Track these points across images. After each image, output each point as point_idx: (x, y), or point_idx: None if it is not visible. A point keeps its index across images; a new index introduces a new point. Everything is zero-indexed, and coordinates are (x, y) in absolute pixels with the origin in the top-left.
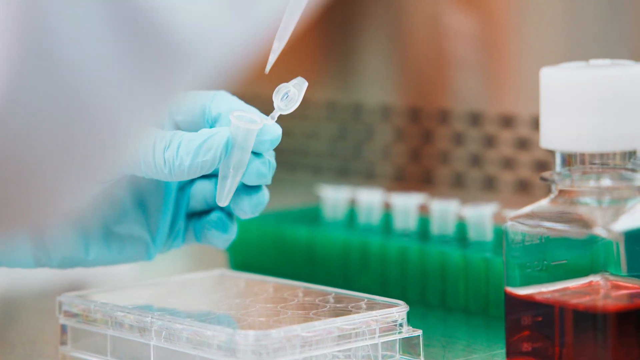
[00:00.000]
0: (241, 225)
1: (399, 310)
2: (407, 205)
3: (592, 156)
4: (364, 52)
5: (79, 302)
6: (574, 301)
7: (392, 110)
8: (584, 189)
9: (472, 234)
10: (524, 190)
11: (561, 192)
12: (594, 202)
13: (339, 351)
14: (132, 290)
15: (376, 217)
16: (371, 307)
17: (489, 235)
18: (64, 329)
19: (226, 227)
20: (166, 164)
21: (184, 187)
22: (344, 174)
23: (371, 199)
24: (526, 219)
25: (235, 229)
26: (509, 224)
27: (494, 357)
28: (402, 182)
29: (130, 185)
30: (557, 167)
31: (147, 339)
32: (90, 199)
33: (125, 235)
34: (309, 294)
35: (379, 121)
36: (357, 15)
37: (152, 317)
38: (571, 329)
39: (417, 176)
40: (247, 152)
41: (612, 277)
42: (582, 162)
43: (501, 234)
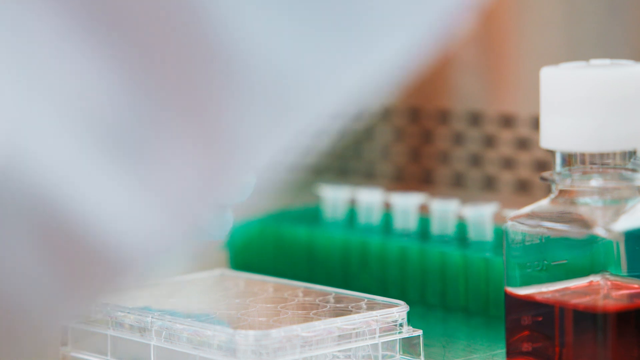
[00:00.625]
0: (241, 225)
1: (399, 310)
2: (407, 205)
3: (592, 156)
4: None
5: None
6: (574, 301)
7: (391, 109)
8: (584, 189)
9: (472, 234)
10: (524, 190)
11: (561, 192)
12: (594, 202)
13: (339, 351)
14: (132, 290)
15: (376, 217)
16: (371, 307)
17: (489, 235)
18: (64, 329)
19: None
20: None
21: None
22: (344, 174)
23: (371, 199)
24: (526, 218)
25: None
26: (509, 223)
27: (494, 357)
28: (402, 182)
29: None
30: (557, 167)
31: (148, 339)
32: None
33: None
34: (309, 293)
35: (379, 121)
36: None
37: (152, 317)
38: (571, 329)
39: (417, 176)
40: None
41: (612, 277)
42: (582, 162)
43: (501, 234)
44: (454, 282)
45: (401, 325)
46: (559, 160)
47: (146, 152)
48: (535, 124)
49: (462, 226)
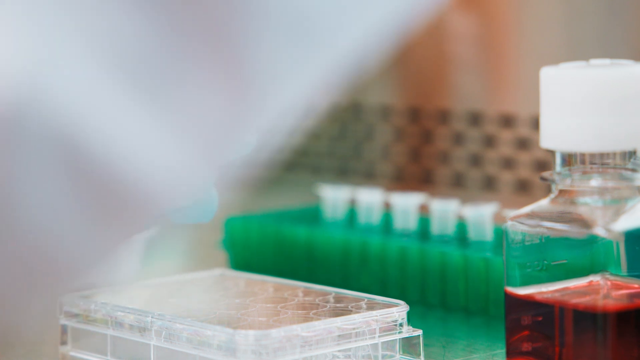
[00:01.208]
0: (241, 225)
1: (399, 310)
2: (407, 205)
3: (592, 156)
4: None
5: (80, 303)
6: (574, 301)
7: (391, 110)
8: (584, 189)
9: (472, 234)
10: (524, 190)
11: (561, 192)
12: (594, 201)
13: (339, 351)
14: (132, 290)
15: (376, 217)
16: (371, 307)
17: (489, 235)
18: (64, 329)
19: None
20: None
21: None
22: (344, 174)
23: (371, 199)
24: (526, 218)
25: None
26: (509, 223)
27: (494, 356)
28: (402, 181)
29: None
30: (557, 167)
31: (147, 339)
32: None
33: None
34: (309, 293)
35: (379, 121)
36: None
37: (152, 317)
38: (571, 329)
39: (417, 176)
40: None
41: (612, 277)
42: (582, 162)
43: (501, 234)
44: (454, 282)
45: (401, 325)
46: (559, 160)
47: (171, 87)
48: (535, 124)
49: (462, 226)
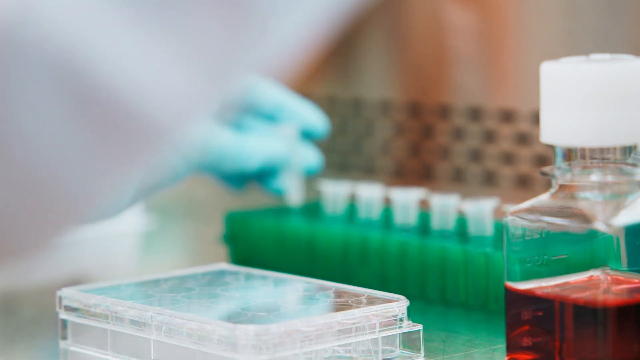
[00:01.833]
0: (241, 219)
1: (399, 305)
2: (407, 200)
3: (592, 151)
4: (364, 47)
5: (80, 297)
6: (574, 296)
7: (392, 105)
8: (584, 184)
9: (472, 229)
10: (524, 185)
11: (561, 186)
12: (594, 196)
13: (339, 346)
14: (132, 285)
15: (376, 212)
16: (371, 301)
17: (489, 230)
18: (64, 323)
19: None
20: None
21: None
22: (344, 169)
23: (371, 194)
24: (526, 213)
25: None
26: (509, 218)
27: (494, 351)
28: (402, 177)
29: None
30: (557, 162)
31: (148, 334)
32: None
33: None
34: (310, 288)
35: (379, 116)
36: (356, 9)
37: (152, 312)
38: (571, 324)
39: (417, 171)
40: None
41: (612, 272)
42: (583, 157)
43: (501, 229)
44: (454, 277)
45: (401, 319)
46: (559, 155)
47: (171, 10)
48: (535, 118)
49: (462, 221)
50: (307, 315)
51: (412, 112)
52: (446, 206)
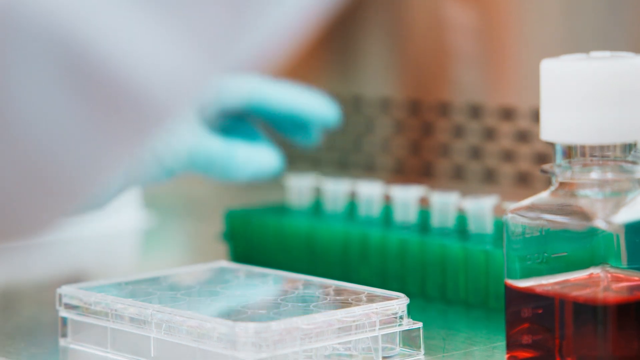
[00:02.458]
0: (241, 217)
1: (399, 302)
2: (407, 197)
3: (592, 148)
4: (364, 44)
5: (79, 295)
6: (574, 293)
7: (392, 102)
8: (584, 181)
9: (472, 227)
10: (524, 182)
11: (561, 184)
12: (594, 194)
13: (339, 343)
14: (131, 282)
15: (376, 210)
16: (371, 299)
17: (489, 227)
18: (64, 321)
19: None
20: None
21: None
22: (344, 167)
23: (371, 192)
24: (526, 211)
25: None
26: (509, 216)
27: (494, 349)
28: (402, 174)
29: None
30: (557, 160)
31: (148, 332)
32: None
33: None
34: (309, 286)
35: (379, 113)
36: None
37: (152, 310)
38: (571, 322)
39: (417, 169)
40: None
41: (612, 270)
42: (583, 155)
43: (501, 227)
44: (454, 275)
45: (401, 317)
46: (559, 152)
47: None
48: (535, 116)
49: (462, 219)
50: (307, 313)
51: (412, 110)
52: (446, 204)
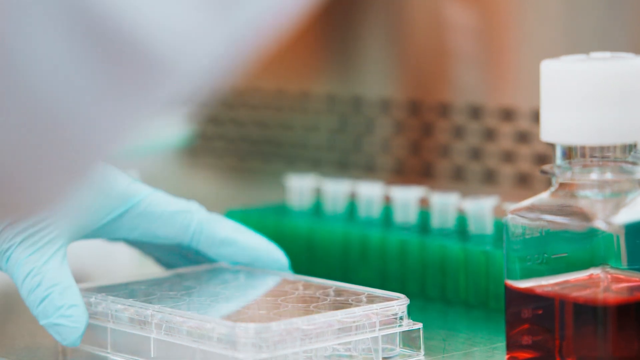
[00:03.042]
0: (241, 217)
1: (399, 303)
2: (407, 198)
3: (592, 149)
4: (364, 45)
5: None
6: (574, 294)
7: (392, 103)
8: (585, 182)
9: (472, 227)
10: (524, 183)
11: (561, 185)
12: (595, 195)
13: (339, 344)
14: (131, 283)
15: (376, 210)
16: (371, 300)
17: (489, 228)
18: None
19: None
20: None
21: None
22: (344, 167)
23: (371, 192)
24: (526, 212)
25: None
26: (509, 217)
27: (494, 350)
28: (402, 175)
29: None
30: (558, 160)
31: (147, 332)
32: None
33: None
34: (309, 287)
35: (379, 114)
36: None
37: (152, 310)
38: (571, 322)
39: (417, 169)
40: None
41: (612, 270)
42: (583, 155)
43: (501, 227)
44: (454, 276)
45: (401, 318)
46: (559, 153)
47: None
48: (535, 117)
49: (462, 219)
50: (307, 313)
51: (412, 111)
52: (446, 204)
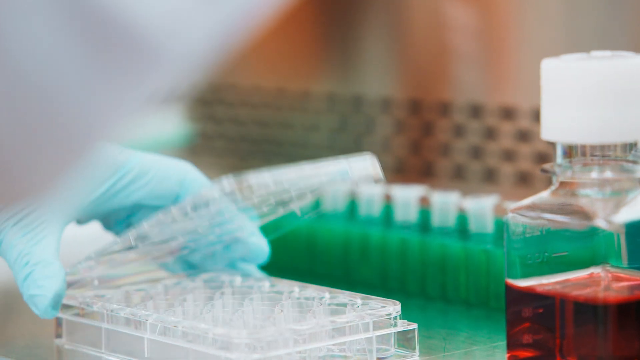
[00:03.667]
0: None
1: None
2: (407, 197)
3: (593, 148)
4: (364, 44)
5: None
6: (575, 293)
7: (392, 102)
8: (585, 181)
9: (472, 226)
10: (525, 182)
11: (562, 183)
12: (595, 193)
13: (334, 345)
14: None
15: (377, 209)
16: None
17: (489, 227)
18: (59, 322)
19: None
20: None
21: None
22: None
23: (371, 191)
24: (527, 210)
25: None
26: (510, 215)
27: (495, 349)
28: (402, 174)
29: None
30: (558, 159)
31: (142, 333)
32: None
33: None
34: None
35: (379, 113)
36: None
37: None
38: (572, 321)
39: (417, 168)
40: None
41: (612, 269)
42: (583, 154)
43: (502, 226)
44: (455, 274)
45: (395, 318)
46: (559, 152)
47: None
48: (535, 116)
49: (462, 218)
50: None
51: (413, 110)
52: (446, 203)
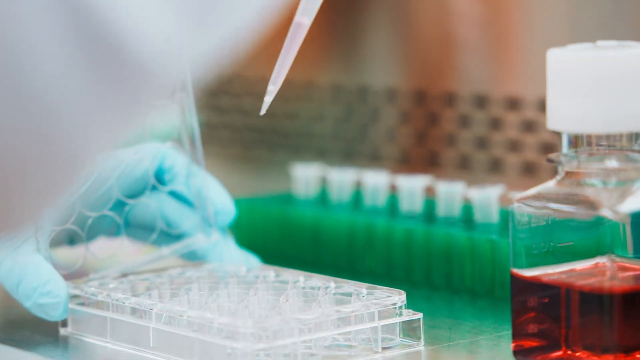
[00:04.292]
0: (246, 207)
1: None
2: (412, 187)
3: (598, 137)
4: (369, 35)
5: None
6: (580, 283)
7: (397, 92)
8: (591, 171)
9: (478, 216)
10: (530, 172)
11: (567, 173)
12: (601, 183)
13: (339, 334)
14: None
15: (382, 199)
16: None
17: (495, 217)
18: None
19: None
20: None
21: None
22: (350, 157)
23: (377, 181)
24: (532, 200)
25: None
26: (515, 205)
27: (500, 338)
28: (407, 164)
29: None
30: (564, 149)
31: (147, 322)
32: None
33: None
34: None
35: (385, 103)
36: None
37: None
38: (577, 311)
39: (422, 158)
40: None
41: (618, 259)
42: (589, 144)
43: (507, 216)
44: (460, 264)
45: (401, 308)
46: (565, 141)
47: None
48: (541, 106)
49: (468, 208)
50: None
51: (418, 100)
52: (452, 193)
